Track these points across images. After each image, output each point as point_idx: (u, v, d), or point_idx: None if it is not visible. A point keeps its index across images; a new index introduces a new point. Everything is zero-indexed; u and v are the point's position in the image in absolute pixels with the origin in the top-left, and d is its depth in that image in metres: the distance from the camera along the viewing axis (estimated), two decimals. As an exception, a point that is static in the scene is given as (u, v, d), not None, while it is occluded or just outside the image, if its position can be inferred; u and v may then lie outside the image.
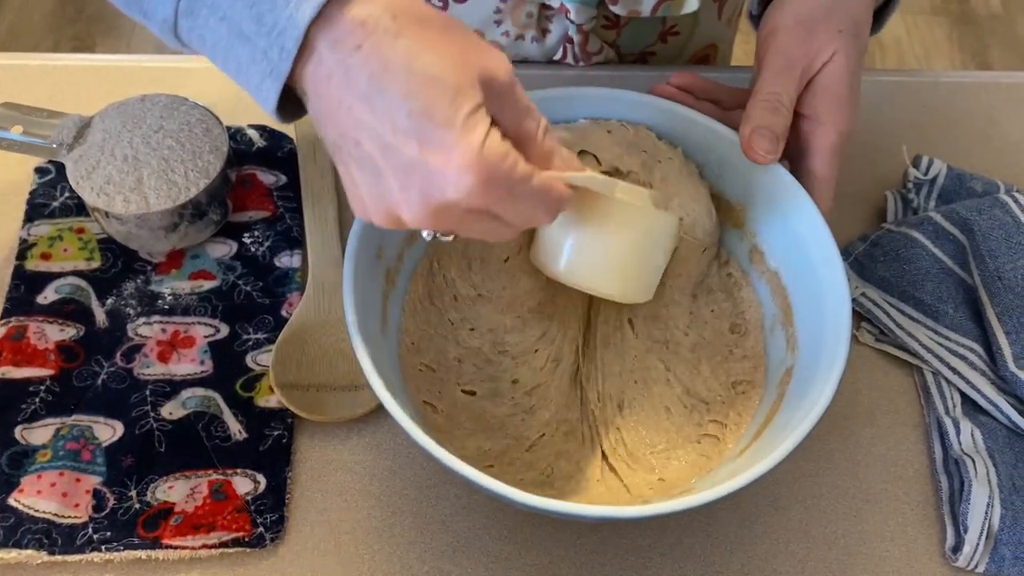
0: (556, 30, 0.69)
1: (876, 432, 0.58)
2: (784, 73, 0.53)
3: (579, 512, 0.44)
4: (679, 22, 0.71)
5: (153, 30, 0.43)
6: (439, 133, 0.38)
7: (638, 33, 0.71)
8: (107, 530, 0.51)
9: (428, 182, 0.39)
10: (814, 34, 0.53)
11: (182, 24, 0.41)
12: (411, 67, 0.38)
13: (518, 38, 0.69)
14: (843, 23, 0.54)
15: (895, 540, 0.54)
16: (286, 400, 0.55)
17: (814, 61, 0.53)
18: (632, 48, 0.72)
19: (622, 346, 0.56)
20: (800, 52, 0.53)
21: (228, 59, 0.41)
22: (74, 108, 0.63)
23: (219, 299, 0.60)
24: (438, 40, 0.39)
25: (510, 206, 0.41)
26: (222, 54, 0.41)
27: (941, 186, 0.66)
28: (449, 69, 0.38)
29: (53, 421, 0.55)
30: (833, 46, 0.53)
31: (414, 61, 0.38)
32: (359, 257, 0.49)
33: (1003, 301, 0.59)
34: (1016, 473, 0.54)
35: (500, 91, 0.40)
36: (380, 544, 0.53)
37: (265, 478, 0.54)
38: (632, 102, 0.56)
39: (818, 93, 0.53)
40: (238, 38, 0.40)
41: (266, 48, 0.39)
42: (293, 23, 0.38)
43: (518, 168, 0.40)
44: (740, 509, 0.55)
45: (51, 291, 0.60)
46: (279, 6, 0.38)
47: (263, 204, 0.64)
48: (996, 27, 1.96)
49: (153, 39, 1.86)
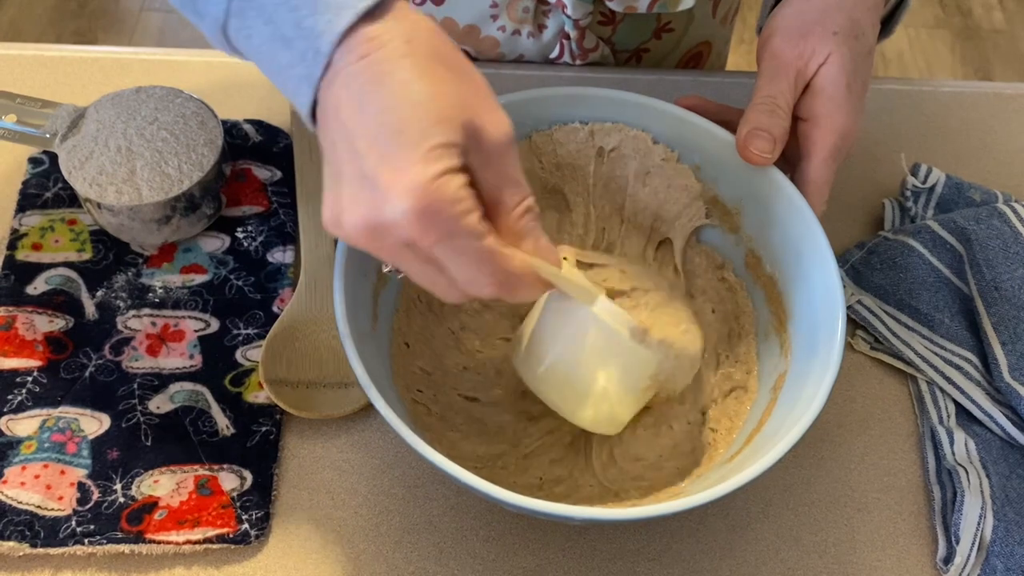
0: (552, 25, 0.69)
1: (869, 440, 0.57)
2: (778, 76, 0.53)
3: (567, 513, 0.43)
4: (674, 19, 0.72)
5: (204, 30, 0.44)
6: (400, 152, 0.38)
7: (633, 29, 0.71)
8: (91, 523, 0.51)
9: (372, 196, 0.38)
10: (807, 37, 0.53)
11: (231, 24, 0.42)
12: (403, 86, 0.39)
13: (514, 33, 0.70)
14: (839, 25, 0.53)
15: (887, 550, 0.54)
16: (275, 396, 0.55)
17: (808, 63, 0.53)
18: (627, 45, 0.72)
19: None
20: (793, 55, 0.53)
21: (272, 61, 0.42)
22: (69, 99, 0.62)
23: (210, 293, 0.60)
24: (442, 76, 0.39)
25: (451, 257, 0.39)
26: (267, 56, 0.42)
27: (939, 195, 0.66)
28: (438, 101, 0.38)
29: (39, 412, 0.54)
30: (827, 48, 0.52)
31: (409, 82, 0.39)
32: (350, 252, 0.49)
33: (999, 311, 0.58)
34: (1009, 484, 0.54)
35: (487, 149, 0.40)
36: (366, 543, 0.52)
37: (252, 474, 0.53)
38: (632, 103, 0.56)
39: (815, 95, 0.53)
40: (280, 41, 0.41)
41: (304, 51, 0.40)
42: (331, 29, 0.39)
43: (465, 219, 0.38)
44: (730, 515, 0.54)
45: (41, 282, 0.59)
46: (319, 11, 0.39)
47: (257, 199, 0.64)
48: (999, 41, 1.96)
49: (155, 35, 1.86)
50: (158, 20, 1.89)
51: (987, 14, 2.01)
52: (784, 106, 0.52)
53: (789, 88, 0.52)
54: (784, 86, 0.52)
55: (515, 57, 0.71)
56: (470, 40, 0.70)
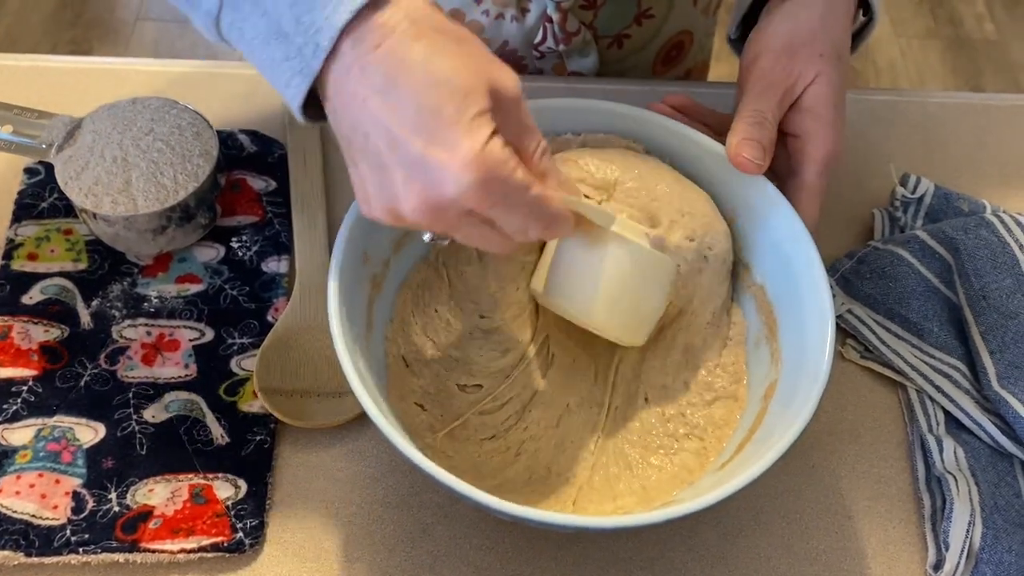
0: (535, 8, 0.70)
1: (860, 449, 0.58)
2: (766, 94, 0.54)
3: (560, 522, 0.43)
4: (654, 4, 0.73)
5: (196, 22, 0.45)
6: (445, 131, 0.39)
7: (614, 14, 0.73)
8: (85, 532, 0.51)
9: (430, 178, 0.40)
10: (795, 58, 0.54)
11: (224, 16, 0.43)
12: (426, 67, 0.40)
13: (498, 17, 0.71)
14: (825, 47, 0.55)
15: (877, 557, 0.54)
16: (269, 405, 0.55)
17: (796, 83, 0.54)
18: (608, 30, 0.74)
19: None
20: (782, 75, 0.54)
21: (264, 54, 0.43)
22: (66, 110, 0.63)
23: (205, 303, 0.60)
24: (453, 47, 0.41)
25: (506, 213, 0.42)
26: (259, 49, 0.43)
27: (928, 205, 0.67)
28: (461, 73, 0.40)
29: (34, 422, 0.55)
30: (815, 69, 0.54)
31: (429, 62, 0.40)
32: (345, 261, 0.49)
33: (987, 320, 0.59)
34: (998, 492, 0.54)
35: (506, 104, 0.42)
36: (360, 552, 0.52)
37: (246, 483, 0.53)
38: (623, 115, 0.57)
39: (804, 113, 0.55)
40: (276, 35, 0.42)
41: (301, 46, 0.41)
42: (330, 24, 0.40)
43: (517, 174, 0.41)
44: (722, 523, 0.54)
45: (37, 291, 0.59)
46: (317, 7, 0.40)
47: (252, 209, 0.64)
48: (990, 52, 1.97)
49: (151, 45, 1.87)
50: (153, 30, 1.90)
51: (978, 25, 2.02)
52: (772, 120, 0.54)
53: (776, 104, 0.54)
54: (772, 102, 0.54)
55: (500, 43, 0.72)
56: None
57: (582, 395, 0.55)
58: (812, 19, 0.55)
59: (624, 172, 0.55)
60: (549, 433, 0.54)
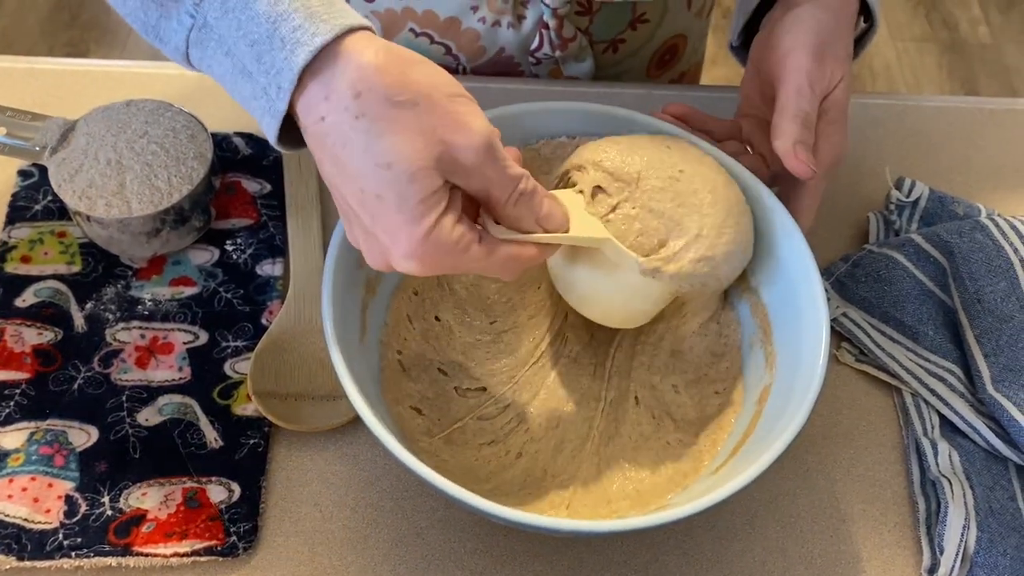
0: (531, 16, 0.70)
1: (854, 452, 0.58)
2: (805, 93, 0.54)
3: (554, 526, 0.43)
4: (648, 9, 0.73)
5: (168, 55, 0.45)
6: (387, 219, 0.40)
7: (610, 19, 0.73)
8: (78, 536, 0.51)
9: (380, 250, 0.43)
10: (825, 59, 0.54)
11: (193, 53, 0.43)
12: (366, 151, 0.39)
13: (494, 24, 0.71)
14: (845, 50, 0.55)
15: (872, 560, 0.54)
16: (263, 409, 0.55)
17: (830, 85, 0.55)
18: (604, 36, 0.74)
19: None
20: (819, 75, 0.54)
21: (235, 91, 0.43)
22: (60, 112, 0.62)
23: (199, 306, 0.60)
24: (401, 119, 0.39)
25: (471, 270, 0.44)
26: (229, 85, 0.43)
27: (923, 208, 0.67)
28: (405, 155, 0.39)
29: (27, 425, 0.54)
30: (841, 71, 0.55)
31: (370, 146, 0.39)
32: (339, 265, 0.49)
33: (982, 323, 0.59)
34: (993, 496, 0.54)
35: (467, 166, 0.41)
36: (354, 556, 0.52)
37: (240, 487, 0.53)
38: (618, 118, 0.57)
39: (821, 115, 0.55)
40: (241, 73, 0.42)
41: (266, 86, 0.41)
42: (288, 66, 0.40)
43: (469, 251, 0.42)
44: (717, 527, 0.54)
45: (30, 294, 0.59)
46: (276, 48, 0.40)
47: (247, 212, 0.64)
48: (985, 56, 1.98)
49: (147, 47, 1.87)
50: (150, 32, 1.89)
51: (973, 29, 2.03)
52: (814, 123, 0.54)
53: (817, 106, 0.54)
54: (816, 104, 0.54)
55: (496, 51, 0.72)
56: (451, 33, 0.71)
57: (582, 391, 0.55)
58: (831, 20, 0.55)
59: (650, 168, 0.51)
60: (549, 434, 0.54)
